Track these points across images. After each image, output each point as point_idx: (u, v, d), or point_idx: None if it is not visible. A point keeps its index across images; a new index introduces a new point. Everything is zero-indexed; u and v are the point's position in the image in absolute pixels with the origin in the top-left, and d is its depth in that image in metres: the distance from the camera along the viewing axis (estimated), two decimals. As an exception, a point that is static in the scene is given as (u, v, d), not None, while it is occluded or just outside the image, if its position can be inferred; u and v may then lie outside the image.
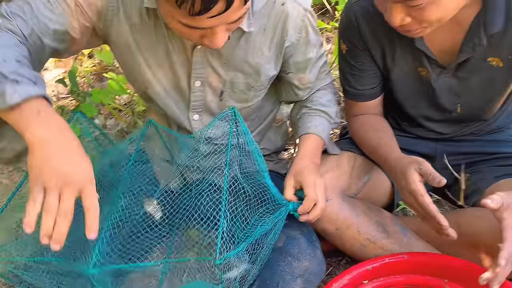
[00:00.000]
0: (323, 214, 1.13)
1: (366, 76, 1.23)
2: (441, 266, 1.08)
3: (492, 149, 1.27)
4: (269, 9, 1.09)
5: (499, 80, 1.13)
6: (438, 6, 0.91)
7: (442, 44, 1.10)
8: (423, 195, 1.00)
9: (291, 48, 1.14)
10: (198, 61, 1.11)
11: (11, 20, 0.93)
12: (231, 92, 1.18)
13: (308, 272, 1.08)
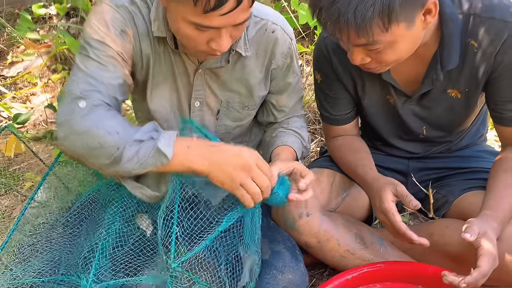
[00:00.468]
0: (306, 227, 1.22)
1: (340, 103, 1.33)
2: (415, 273, 1.17)
3: (459, 165, 1.37)
4: (261, 36, 1.20)
5: (458, 109, 1.25)
6: (394, 50, 1.01)
7: (406, 76, 1.20)
8: (394, 214, 1.10)
9: (276, 70, 1.26)
10: (199, 83, 1.21)
11: (90, 98, 1.00)
12: (227, 111, 1.28)
13: (292, 284, 1.15)
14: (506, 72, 1.10)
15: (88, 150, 0.97)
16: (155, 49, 1.16)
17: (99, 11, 1.09)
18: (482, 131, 1.44)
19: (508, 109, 1.16)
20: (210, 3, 0.90)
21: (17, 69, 2.80)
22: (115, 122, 0.98)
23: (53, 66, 2.73)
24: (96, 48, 1.05)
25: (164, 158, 0.96)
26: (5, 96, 2.57)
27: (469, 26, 1.09)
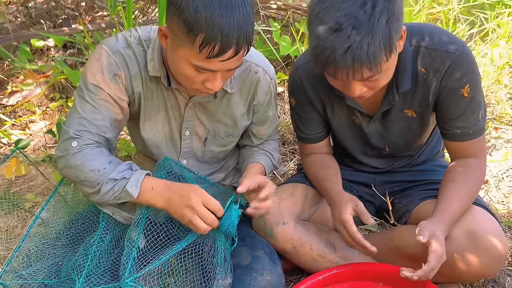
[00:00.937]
0: (282, 235, 1.39)
1: (312, 124, 1.50)
2: (377, 272, 1.32)
3: (419, 178, 1.54)
4: (245, 75, 1.39)
5: (414, 127, 1.42)
6: (386, 75, 1.17)
7: (368, 100, 1.35)
8: (351, 225, 1.26)
9: (257, 106, 1.44)
10: (189, 115, 1.39)
11: (81, 137, 1.23)
12: (213, 139, 1.46)
13: (270, 285, 1.29)
14: (450, 94, 1.28)
15: (77, 181, 1.24)
16: (147, 87, 1.33)
17: (96, 56, 1.28)
18: (439, 147, 1.61)
19: (454, 126, 1.32)
20: (214, 51, 1.08)
21: (17, 98, 2.95)
22: (99, 161, 1.21)
23: (51, 95, 2.90)
24: (91, 91, 1.26)
25: (131, 197, 1.20)
26: (5, 123, 2.71)
27: (419, 56, 1.27)
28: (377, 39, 1.04)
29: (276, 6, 2.58)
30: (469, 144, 1.33)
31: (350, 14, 1.02)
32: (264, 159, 1.48)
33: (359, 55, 1.04)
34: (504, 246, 1.23)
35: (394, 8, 1.05)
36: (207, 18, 1.06)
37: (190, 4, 1.07)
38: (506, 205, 1.72)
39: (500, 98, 2.30)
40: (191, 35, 1.08)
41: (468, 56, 1.24)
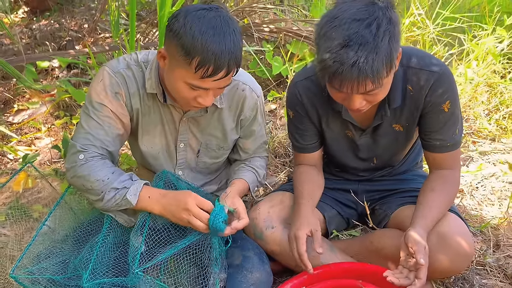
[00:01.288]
0: (271, 238, 1.52)
1: (308, 134, 1.63)
2: (357, 271, 1.45)
3: (397, 186, 1.68)
4: (233, 92, 1.54)
5: (401, 140, 1.56)
6: (384, 90, 1.30)
7: (362, 115, 1.50)
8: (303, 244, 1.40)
9: (244, 121, 1.59)
10: (183, 129, 1.54)
11: (87, 151, 1.39)
12: (206, 151, 1.61)
13: (259, 282, 1.43)
14: (433, 109, 1.42)
15: (84, 189, 1.40)
16: (145, 103, 1.49)
17: (100, 77, 1.45)
18: (418, 159, 1.76)
19: (434, 138, 1.46)
20: (208, 72, 1.24)
21: (23, 116, 3.10)
22: (103, 172, 1.37)
23: (56, 113, 3.05)
24: (96, 109, 1.42)
25: (130, 204, 1.37)
26: (12, 140, 2.85)
27: (407, 75, 1.41)
28: (381, 56, 1.16)
29: (269, 29, 2.75)
30: (447, 155, 1.47)
31: (358, 32, 1.15)
32: (249, 175, 1.61)
33: (365, 69, 1.15)
34: (470, 246, 1.36)
35: (395, 30, 1.19)
36: (202, 44, 1.21)
37: (188, 31, 1.22)
38: (479, 212, 1.85)
39: (478, 113, 2.45)
40: (188, 58, 1.24)
41: (449, 76, 1.39)
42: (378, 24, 1.16)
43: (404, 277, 1.29)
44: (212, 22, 1.23)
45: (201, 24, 1.22)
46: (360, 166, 1.67)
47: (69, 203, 1.69)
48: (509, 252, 1.60)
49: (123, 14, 3.89)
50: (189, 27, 1.22)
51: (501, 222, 1.74)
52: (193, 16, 1.24)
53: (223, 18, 1.25)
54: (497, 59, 2.34)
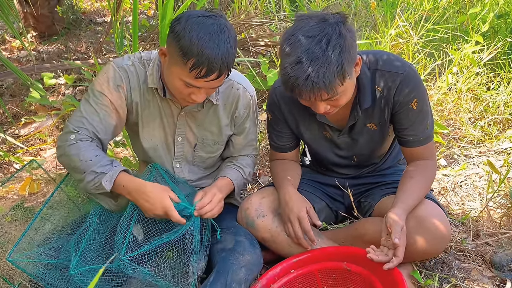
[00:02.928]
0: (262, 225, 1.62)
1: (284, 136, 1.75)
2: (342, 254, 1.54)
3: (381, 179, 1.78)
4: (228, 91, 1.67)
5: (376, 138, 1.66)
6: (345, 95, 1.42)
7: (337, 117, 1.61)
8: (307, 223, 1.54)
9: (237, 118, 1.71)
10: (181, 123, 1.66)
11: (79, 132, 1.50)
12: (202, 145, 1.73)
13: (250, 263, 1.52)
14: (402, 107, 1.52)
15: (70, 168, 1.51)
16: (145, 98, 1.61)
17: (105, 70, 1.58)
18: (400, 156, 1.86)
19: (407, 134, 1.56)
20: (201, 73, 1.37)
21: (29, 129, 3.24)
22: (88, 153, 1.46)
23: (61, 126, 3.19)
24: (96, 97, 1.55)
25: (104, 190, 1.46)
26: (18, 151, 2.97)
27: (375, 77, 1.52)
28: (331, 68, 1.28)
29: (264, 43, 2.90)
30: (421, 149, 1.57)
31: (309, 49, 1.28)
32: (234, 173, 1.72)
33: (317, 82, 1.28)
34: (447, 228, 1.45)
35: (345, 42, 1.31)
36: (198, 48, 1.35)
37: (187, 35, 1.36)
38: (462, 207, 1.95)
39: (463, 120, 2.57)
40: (184, 58, 1.37)
41: (414, 75, 1.50)
42: (327, 39, 1.28)
43: (383, 255, 1.38)
44: (209, 29, 1.36)
45: (199, 30, 1.36)
46: (342, 163, 1.77)
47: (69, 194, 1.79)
48: (488, 240, 1.69)
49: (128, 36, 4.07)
50: (188, 31, 1.36)
51: (481, 214, 1.83)
52: (193, 22, 1.37)
53: (220, 26, 1.38)
54: (475, 63, 2.47)
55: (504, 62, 2.80)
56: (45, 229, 1.66)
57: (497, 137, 2.49)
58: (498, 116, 2.58)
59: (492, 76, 2.82)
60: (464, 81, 2.54)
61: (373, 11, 3.14)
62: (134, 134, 1.72)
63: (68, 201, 1.76)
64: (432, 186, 2.11)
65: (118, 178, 1.46)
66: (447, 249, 1.63)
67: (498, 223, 1.78)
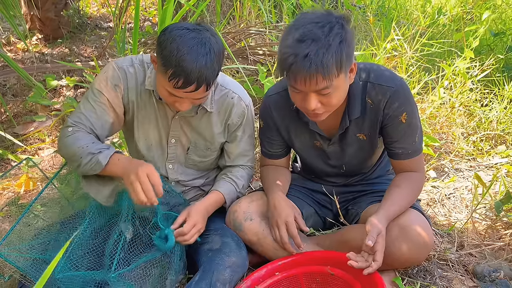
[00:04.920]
0: (249, 228, 1.65)
1: (275, 143, 1.79)
2: (326, 258, 1.57)
3: (368, 188, 1.81)
4: (223, 99, 1.71)
5: (366, 148, 1.70)
6: (336, 94, 1.43)
7: (327, 126, 1.65)
8: (295, 228, 1.57)
9: (230, 126, 1.74)
10: (175, 126, 1.70)
11: (76, 126, 1.56)
12: (195, 149, 1.76)
13: (235, 265, 1.55)
14: (391, 120, 1.55)
15: (68, 157, 1.58)
16: (141, 99, 1.66)
17: (105, 69, 1.63)
18: (389, 167, 1.89)
19: (396, 147, 1.59)
20: (178, 84, 1.42)
21: (29, 128, 3.29)
22: (85, 141, 1.53)
23: (60, 126, 3.23)
24: (95, 95, 1.61)
25: (101, 166, 1.50)
26: (17, 150, 3.01)
27: (366, 89, 1.55)
28: (331, 52, 1.30)
29: (263, 52, 2.95)
30: (409, 162, 1.60)
31: (312, 31, 1.32)
32: (226, 186, 1.75)
33: (315, 62, 1.29)
34: (429, 236, 1.48)
35: (347, 35, 1.34)
36: (177, 60, 1.40)
37: (168, 46, 1.41)
38: (448, 218, 1.97)
39: (456, 135, 2.60)
40: (164, 68, 1.43)
41: (404, 90, 1.53)
42: (330, 27, 1.32)
43: (363, 261, 1.41)
44: (189, 43, 1.41)
45: (179, 42, 1.41)
46: (331, 172, 1.80)
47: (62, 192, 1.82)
48: (471, 250, 1.71)
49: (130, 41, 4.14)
50: (170, 42, 1.41)
51: (467, 226, 1.85)
52: (175, 34, 1.42)
53: (202, 40, 1.42)
54: (466, 78, 2.51)
55: (499, 79, 2.85)
56: (37, 225, 1.69)
57: (488, 152, 2.52)
58: (490, 132, 2.61)
59: (486, 92, 2.86)
60: (457, 96, 2.58)
61: (371, 25, 3.19)
62: (129, 133, 1.76)
63: (62, 198, 1.79)
64: (421, 197, 2.14)
65: (114, 155, 1.52)
66: (430, 258, 1.65)
67: (483, 234, 1.80)
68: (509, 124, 2.64)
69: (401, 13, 4.16)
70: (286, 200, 1.66)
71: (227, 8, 3.78)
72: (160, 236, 1.53)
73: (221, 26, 3.18)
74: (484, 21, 2.87)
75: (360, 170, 1.81)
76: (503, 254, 1.68)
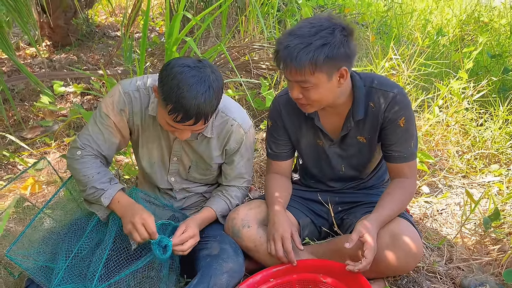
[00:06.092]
0: (247, 235, 1.72)
1: (281, 143, 1.87)
2: (319, 266, 1.63)
3: (364, 199, 1.88)
4: (223, 126, 1.78)
5: (365, 151, 1.78)
6: (317, 91, 1.54)
7: (331, 125, 1.75)
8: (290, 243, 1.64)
9: (228, 150, 1.82)
10: (177, 147, 1.79)
11: (84, 149, 1.68)
12: (195, 168, 1.84)
13: (232, 271, 1.62)
14: (390, 124, 1.65)
15: (75, 178, 1.71)
16: (145, 122, 1.74)
17: (112, 93, 1.72)
18: (385, 177, 1.96)
19: (392, 149, 1.69)
20: (177, 118, 1.50)
21: (36, 132, 3.37)
22: (91, 170, 1.65)
23: (66, 131, 3.31)
24: (101, 118, 1.71)
25: (103, 204, 1.64)
26: (23, 153, 3.09)
27: (370, 94, 1.66)
28: (308, 50, 1.44)
29: (265, 66, 3.05)
30: (404, 165, 1.69)
31: (301, 28, 1.47)
32: (220, 204, 1.84)
33: (290, 54, 1.45)
34: (418, 247, 1.55)
35: (334, 41, 1.46)
36: (176, 97, 1.47)
37: (169, 82, 1.49)
38: (439, 232, 2.04)
39: (451, 152, 2.68)
40: (164, 102, 1.51)
41: (404, 96, 1.65)
42: (320, 29, 1.46)
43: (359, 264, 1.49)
44: (189, 80, 1.48)
45: (180, 79, 1.48)
46: (331, 174, 1.88)
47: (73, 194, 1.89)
48: (460, 264, 1.78)
49: (137, 50, 4.24)
50: (171, 79, 1.49)
51: (456, 241, 1.92)
52: (176, 71, 1.49)
53: (202, 78, 1.49)
54: (459, 98, 2.60)
55: (495, 99, 2.93)
56: (43, 226, 1.76)
57: (482, 171, 2.59)
58: (484, 151, 2.68)
59: (482, 112, 2.94)
60: (452, 115, 2.66)
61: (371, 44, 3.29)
62: (135, 149, 1.87)
63: (69, 201, 1.87)
64: (413, 211, 2.21)
65: (116, 196, 1.65)
66: (419, 269, 1.72)
67: (472, 249, 1.87)
68: (503, 144, 2.71)
69: (402, 32, 4.27)
70: (284, 215, 1.73)
71: (233, 22, 3.88)
72: (159, 244, 1.58)
73: (226, 40, 3.28)
74: (481, 44, 2.97)
75: (358, 175, 1.88)
76: (490, 268, 1.75)
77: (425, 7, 5.56)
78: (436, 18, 5.21)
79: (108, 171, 1.71)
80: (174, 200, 1.91)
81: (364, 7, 5.55)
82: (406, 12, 4.96)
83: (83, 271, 1.63)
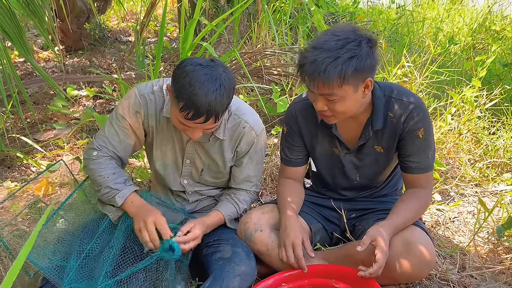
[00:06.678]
0: (259, 239, 1.72)
1: (296, 149, 1.87)
2: (331, 272, 1.64)
3: (376, 206, 1.88)
4: (235, 128, 1.80)
5: (382, 161, 1.78)
6: (343, 103, 1.54)
7: (348, 134, 1.75)
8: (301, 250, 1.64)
9: (239, 152, 1.83)
10: (190, 150, 1.81)
11: (101, 150, 1.72)
12: (207, 171, 1.86)
13: (244, 274, 1.62)
14: (408, 134, 1.65)
15: (91, 178, 1.74)
16: (160, 124, 1.77)
17: (128, 95, 1.75)
18: (399, 186, 1.97)
19: (410, 160, 1.68)
20: (188, 116, 1.52)
21: (49, 135, 3.41)
22: (106, 171, 1.69)
23: (79, 134, 3.35)
24: (118, 119, 1.74)
25: (116, 203, 1.67)
26: (37, 155, 3.13)
27: (389, 104, 1.66)
28: (336, 64, 1.43)
29: (277, 72, 3.06)
30: (421, 176, 1.69)
31: (327, 41, 1.46)
32: (228, 207, 1.84)
33: (319, 69, 1.43)
34: (432, 255, 1.55)
35: (361, 53, 1.45)
36: (188, 94, 1.49)
37: (182, 80, 1.51)
38: (451, 240, 2.04)
39: (463, 161, 2.67)
40: (176, 100, 1.53)
41: (423, 108, 1.65)
42: (347, 42, 1.45)
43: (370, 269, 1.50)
44: (201, 78, 1.50)
45: (192, 77, 1.50)
46: (344, 183, 1.88)
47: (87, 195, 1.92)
48: (472, 272, 1.77)
49: (149, 55, 4.28)
50: (183, 77, 1.51)
51: (469, 249, 1.92)
52: (189, 69, 1.52)
53: (213, 76, 1.51)
54: (472, 106, 2.60)
55: (507, 108, 2.92)
56: (57, 226, 1.78)
57: (494, 179, 2.58)
58: (497, 160, 2.67)
59: (494, 121, 2.93)
60: (464, 123, 2.66)
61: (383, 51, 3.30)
62: (149, 151, 1.88)
63: (83, 202, 1.89)
64: (425, 219, 2.21)
65: (130, 196, 1.68)
66: (432, 277, 1.72)
67: (484, 258, 1.86)
68: (515, 153, 2.70)
69: (413, 40, 4.27)
70: (297, 222, 1.73)
71: (245, 28, 3.91)
72: (164, 249, 1.59)
73: (239, 46, 3.30)
74: (494, 52, 2.96)
75: (371, 184, 1.88)
76: (503, 277, 1.74)
77: (436, 16, 5.56)
78: (447, 27, 5.21)
79: (123, 172, 1.73)
80: (186, 203, 1.93)
81: (375, 14, 5.56)
82: (417, 20, 4.97)
83: (94, 271, 1.64)
